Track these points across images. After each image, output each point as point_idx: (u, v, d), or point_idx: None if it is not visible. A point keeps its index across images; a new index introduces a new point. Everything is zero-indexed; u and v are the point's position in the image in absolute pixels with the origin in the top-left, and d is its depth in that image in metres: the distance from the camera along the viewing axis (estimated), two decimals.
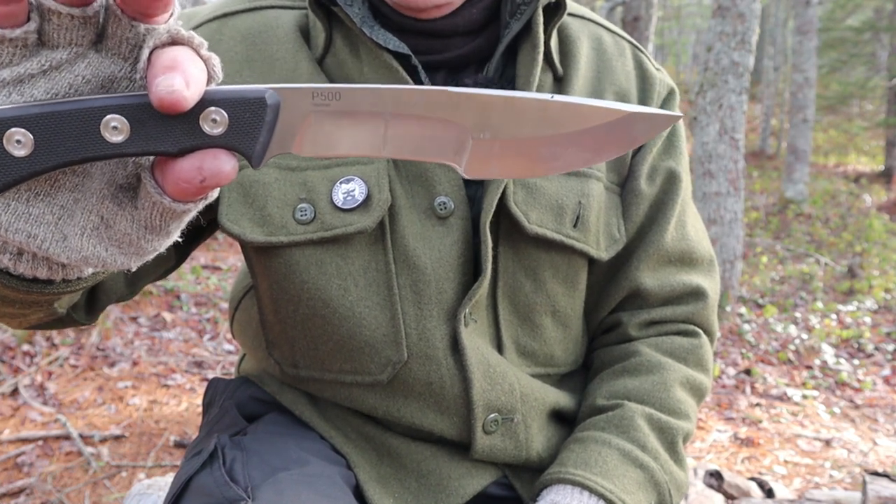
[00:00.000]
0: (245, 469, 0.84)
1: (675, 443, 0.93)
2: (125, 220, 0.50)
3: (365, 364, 0.89)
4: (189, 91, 0.43)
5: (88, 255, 0.50)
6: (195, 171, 0.46)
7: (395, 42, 0.85)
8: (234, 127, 0.47)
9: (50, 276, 0.54)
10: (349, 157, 0.86)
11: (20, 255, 0.52)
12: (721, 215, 5.02)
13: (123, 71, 0.47)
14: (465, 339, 0.87)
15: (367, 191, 0.84)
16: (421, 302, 0.87)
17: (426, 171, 0.87)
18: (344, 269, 0.86)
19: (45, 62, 0.45)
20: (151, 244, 0.51)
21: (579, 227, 0.91)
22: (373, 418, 0.94)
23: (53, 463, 2.69)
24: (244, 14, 0.92)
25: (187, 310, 4.55)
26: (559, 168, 0.52)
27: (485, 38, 0.90)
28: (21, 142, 0.44)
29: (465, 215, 0.87)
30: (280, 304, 0.90)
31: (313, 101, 0.49)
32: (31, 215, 0.48)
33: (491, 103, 0.50)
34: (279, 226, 0.85)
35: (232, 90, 0.47)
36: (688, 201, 1.02)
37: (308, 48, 0.90)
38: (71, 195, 0.49)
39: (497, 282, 0.90)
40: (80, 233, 0.49)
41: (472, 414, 0.88)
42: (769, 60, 14.79)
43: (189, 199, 0.48)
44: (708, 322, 1.03)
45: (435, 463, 0.91)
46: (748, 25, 4.89)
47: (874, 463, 3.28)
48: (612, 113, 0.50)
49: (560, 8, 0.89)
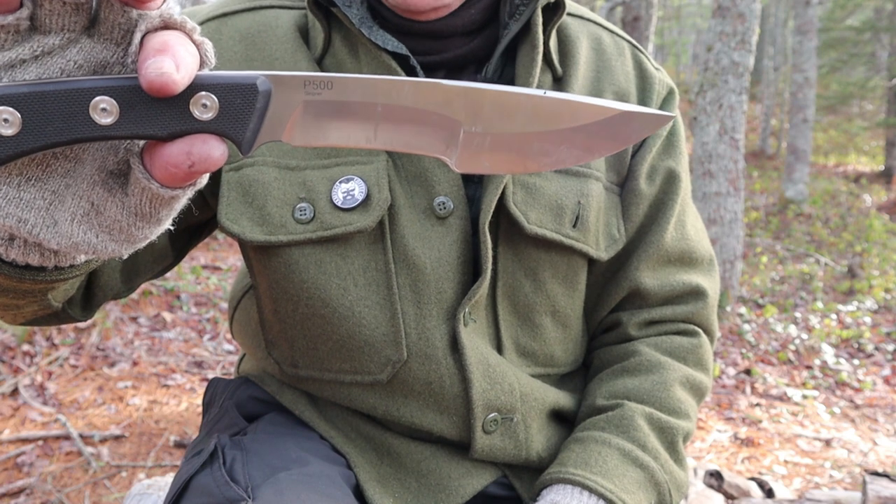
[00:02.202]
0: (245, 469, 0.84)
1: (675, 442, 0.93)
2: (115, 206, 0.50)
3: (364, 363, 0.89)
4: (179, 74, 0.43)
5: (79, 242, 0.50)
6: (184, 155, 0.46)
7: (393, 43, 0.85)
8: (225, 112, 0.47)
9: (42, 262, 0.54)
10: (349, 158, 0.86)
11: (11, 241, 0.52)
12: (721, 215, 5.02)
13: (116, 56, 0.47)
14: (464, 339, 0.87)
15: (366, 190, 0.84)
16: (420, 301, 0.87)
17: (426, 171, 0.87)
18: (343, 268, 0.86)
19: (38, 47, 0.45)
20: (142, 231, 0.51)
21: (579, 227, 0.91)
22: (372, 418, 0.94)
23: (53, 463, 2.69)
24: (243, 14, 0.92)
25: (187, 310, 4.55)
26: (550, 164, 0.52)
27: (483, 39, 0.90)
28: (8, 121, 0.44)
29: (464, 215, 0.87)
30: (279, 303, 0.90)
31: (305, 89, 0.49)
32: (22, 200, 0.48)
33: (483, 97, 0.50)
34: (279, 225, 0.85)
35: (223, 75, 0.47)
36: (687, 201, 1.02)
37: (307, 48, 0.90)
38: (62, 181, 0.49)
39: (497, 282, 0.90)
40: (70, 218, 0.49)
41: (472, 414, 0.88)
42: (769, 60, 14.79)
43: (178, 184, 0.48)
44: (708, 321, 1.03)
45: (435, 462, 0.91)
46: (748, 25, 4.89)
47: (874, 463, 3.28)
48: (605, 111, 0.50)
49: (559, 8, 0.89)
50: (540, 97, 0.50)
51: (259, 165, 0.86)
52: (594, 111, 0.50)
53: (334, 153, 0.87)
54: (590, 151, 0.51)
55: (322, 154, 0.87)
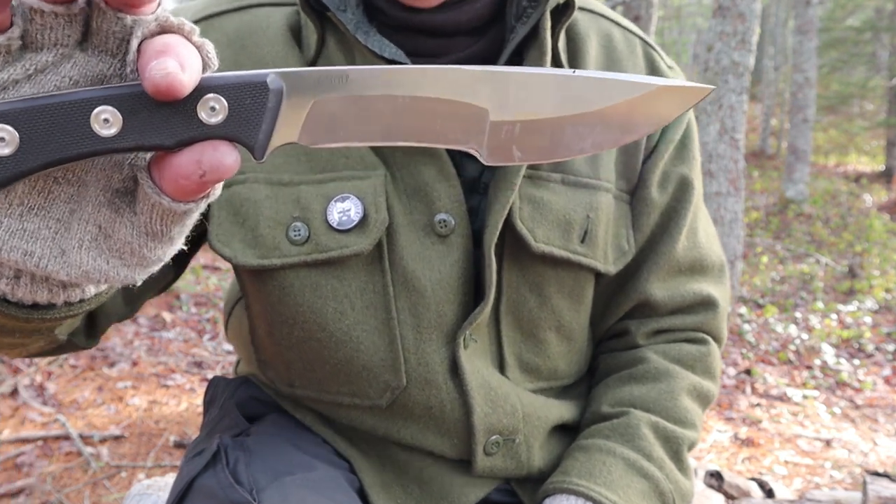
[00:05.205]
0: (249, 471, 0.83)
1: (680, 452, 0.91)
2: (124, 227, 0.47)
3: (363, 388, 0.87)
4: (185, 74, 0.41)
5: (89, 270, 0.47)
6: (194, 164, 0.43)
7: (391, 50, 0.80)
8: (235, 115, 0.44)
9: (51, 299, 0.51)
10: (344, 172, 0.82)
11: (18, 278, 0.49)
12: (721, 215, 5.02)
13: (113, 68, 0.44)
14: (464, 363, 0.84)
15: (363, 210, 0.81)
16: (420, 326, 0.84)
17: (426, 185, 0.83)
18: (340, 291, 0.83)
19: (30, 66, 0.42)
20: (154, 252, 0.48)
21: (587, 242, 0.88)
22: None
23: (53, 463, 2.69)
24: (231, 14, 0.87)
25: (187, 310, 4.55)
26: (587, 149, 0.48)
27: (489, 40, 0.85)
28: (5, 139, 0.41)
29: (466, 233, 0.84)
30: (274, 325, 0.87)
31: (319, 85, 0.45)
32: (27, 231, 0.45)
33: (509, 80, 0.46)
34: (272, 247, 0.81)
35: (231, 75, 0.44)
36: (700, 206, 0.98)
37: (299, 49, 0.85)
38: (66, 206, 0.46)
39: (500, 298, 0.87)
40: (78, 246, 0.46)
41: (474, 438, 0.86)
42: (769, 60, 14.78)
43: (189, 197, 0.45)
44: (717, 330, 1.00)
45: (437, 470, 0.90)
46: (748, 25, 4.89)
47: (874, 463, 3.28)
48: (640, 86, 0.47)
49: (568, 8, 0.83)
50: (570, 76, 0.47)
51: (250, 183, 0.82)
52: (629, 88, 0.47)
53: (329, 166, 0.82)
54: (627, 132, 0.48)
55: (316, 167, 0.82)
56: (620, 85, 0.47)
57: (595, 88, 0.47)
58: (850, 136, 15.03)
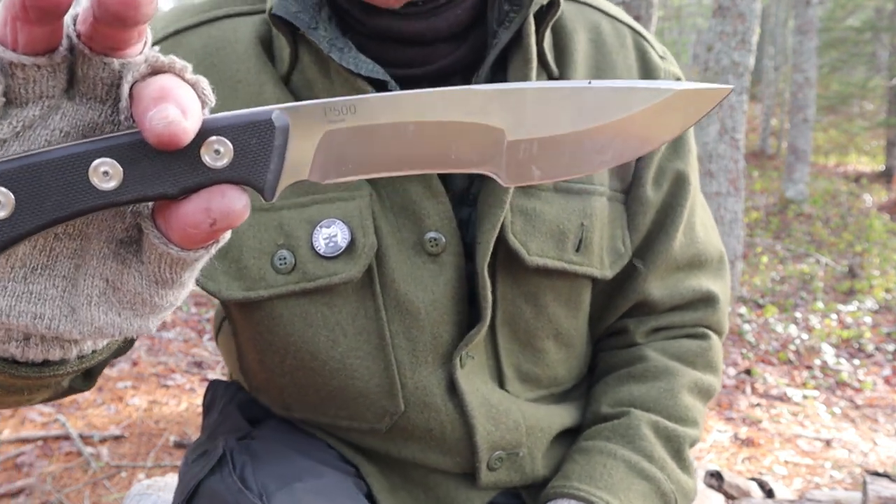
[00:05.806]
0: (256, 476, 0.82)
1: (681, 450, 0.90)
2: (132, 278, 0.44)
3: (361, 413, 0.85)
4: (188, 121, 0.38)
5: (102, 325, 0.45)
6: (203, 213, 0.40)
7: (367, 66, 0.75)
8: (241, 157, 0.41)
9: (63, 355, 0.49)
10: (328, 194, 0.79)
11: (27, 340, 0.47)
12: (721, 215, 5.02)
13: (104, 115, 0.42)
14: (462, 383, 0.83)
15: (350, 235, 0.78)
16: (416, 350, 0.82)
17: (413, 203, 0.80)
18: (331, 318, 0.81)
19: (17, 123, 0.40)
20: (165, 299, 0.46)
21: (582, 250, 0.85)
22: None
23: (53, 463, 2.69)
24: (197, 29, 0.82)
25: (187, 310, 4.54)
26: (608, 161, 0.46)
27: (470, 47, 0.81)
28: (1, 202, 0.38)
29: (457, 250, 0.81)
30: (265, 354, 0.85)
31: (326, 117, 0.43)
32: (33, 293, 0.43)
33: (522, 98, 0.45)
34: (257, 278, 0.78)
35: (233, 115, 0.42)
36: (696, 200, 0.96)
37: (272, 64, 0.81)
38: (71, 262, 0.44)
39: (496, 311, 0.85)
40: (87, 302, 0.44)
41: (477, 456, 0.86)
42: (769, 60, 14.78)
43: (199, 245, 0.42)
44: (718, 324, 0.99)
45: (442, 476, 0.89)
46: (748, 25, 4.89)
47: (874, 463, 3.28)
48: (658, 93, 0.45)
49: (553, 7, 0.79)
50: (585, 88, 0.45)
51: None
52: (647, 95, 0.45)
53: (311, 188, 0.78)
54: (647, 141, 0.46)
55: (298, 190, 0.78)
56: (638, 93, 0.45)
57: (612, 99, 0.45)
58: (850, 136, 15.03)
